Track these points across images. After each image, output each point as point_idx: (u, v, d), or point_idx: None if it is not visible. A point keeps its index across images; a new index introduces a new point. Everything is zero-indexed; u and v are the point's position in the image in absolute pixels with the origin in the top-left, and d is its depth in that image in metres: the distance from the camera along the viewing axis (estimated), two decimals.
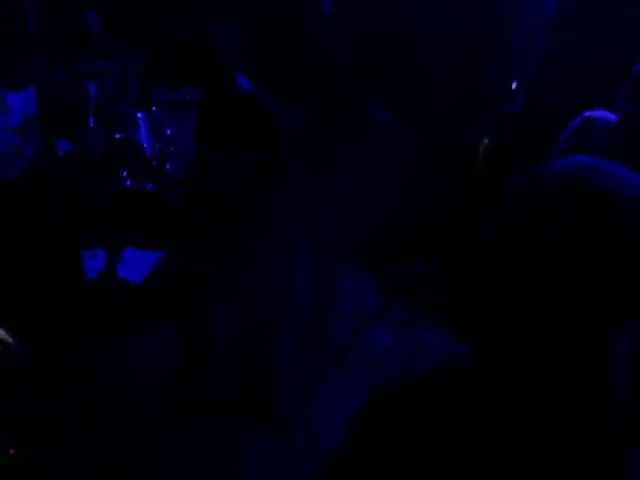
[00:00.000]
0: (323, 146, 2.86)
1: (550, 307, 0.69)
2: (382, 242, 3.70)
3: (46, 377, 2.71)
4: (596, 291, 0.67)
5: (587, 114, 1.98)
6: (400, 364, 3.10)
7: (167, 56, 3.87)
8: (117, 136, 3.54)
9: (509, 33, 3.44)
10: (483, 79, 3.44)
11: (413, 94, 3.50)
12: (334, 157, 2.90)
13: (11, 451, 2.35)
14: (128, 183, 3.44)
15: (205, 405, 2.76)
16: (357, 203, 3.02)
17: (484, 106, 3.43)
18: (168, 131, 3.66)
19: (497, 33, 3.46)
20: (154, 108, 3.72)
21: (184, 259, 2.69)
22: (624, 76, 1.88)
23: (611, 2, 3.07)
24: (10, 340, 1.94)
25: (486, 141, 3.36)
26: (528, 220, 0.70)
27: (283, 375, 2.90)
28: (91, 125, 3.46)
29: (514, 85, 3.32)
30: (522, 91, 3.32)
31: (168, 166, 3.56)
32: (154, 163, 3.56)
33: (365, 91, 3.11)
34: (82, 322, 2.90)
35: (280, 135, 2.36)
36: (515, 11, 3.43)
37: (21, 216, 2.81)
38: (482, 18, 3.44)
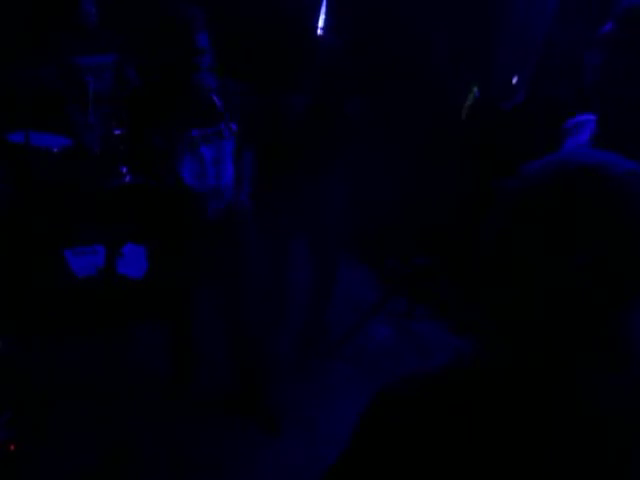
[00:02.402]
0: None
1: (556, 304, 0.70)
2: (382, 237, 3.70)
3: (43, 374, 2.71)
4: (603, 281, 0.67)
5: (580, 117, 1.91)
6: (399, 359, 3.10)
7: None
8: (116, 132, 3.53)
9: (508, 28, 3.43)
10: (481, 75, 3.43)
11: (411, 90, 3.50)
12: (334, 154, 2.89)
13: (12, 447, 2.35)
14: (127, 179, 3.43)
15: (202, 403, 2.75)
16: (357, 199, 3.02)
17: (482, 102, 3.41)
18: None
19: (495, 28, 3.45)
20: None
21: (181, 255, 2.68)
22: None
23: None
24: None
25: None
26: (526, 219, 0.71)
27: (281, 372, 2.90)
28: (90, 120, 3.46)
29: (514, 80, 3.30)
30: (523, 86, 3.31)
31: None
32: None
33: (363, 87, 3.09)
34: (77, 319, 2.90)
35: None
36: (514, 7, 3.42)
37: None
38: (480, 13, 3.43)
